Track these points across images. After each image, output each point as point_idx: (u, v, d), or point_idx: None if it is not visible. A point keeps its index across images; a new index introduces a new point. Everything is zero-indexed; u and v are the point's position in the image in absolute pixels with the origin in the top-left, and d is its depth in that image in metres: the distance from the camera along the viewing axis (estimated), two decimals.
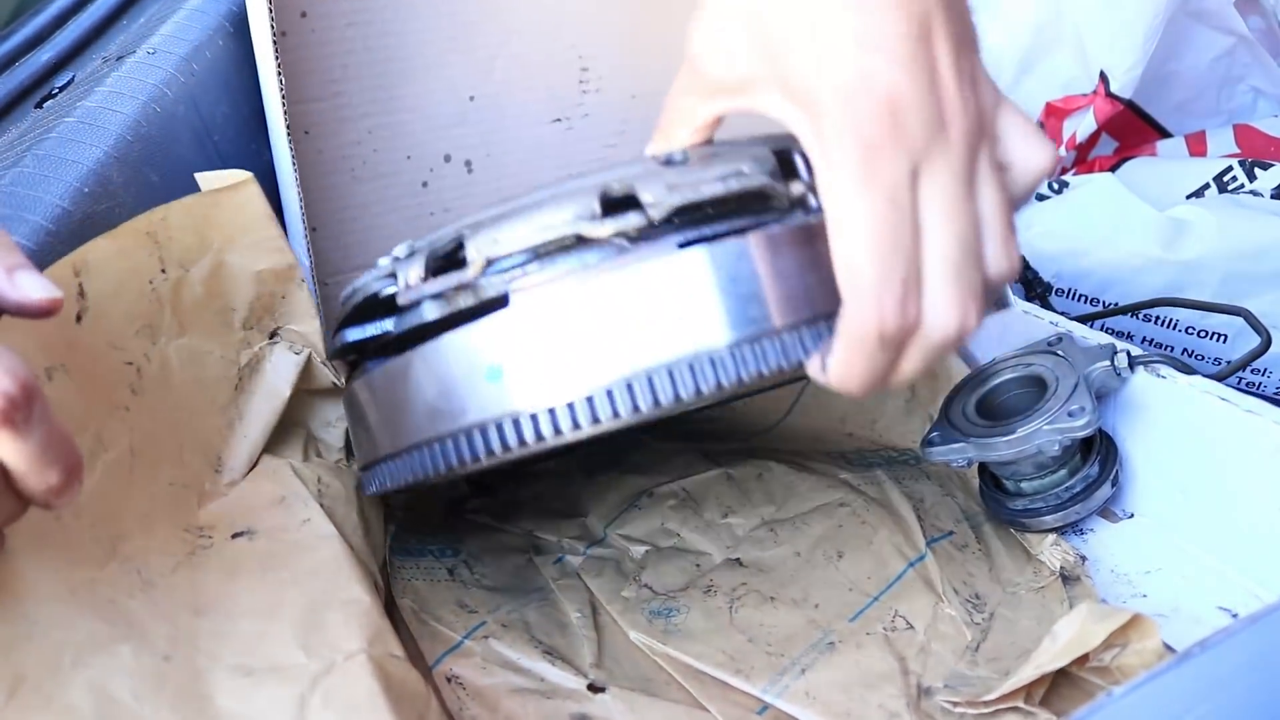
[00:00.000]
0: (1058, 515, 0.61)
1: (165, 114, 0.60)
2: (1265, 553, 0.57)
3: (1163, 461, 0.62)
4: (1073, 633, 0.47)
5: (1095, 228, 0.86)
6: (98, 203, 0.54)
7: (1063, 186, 0.90)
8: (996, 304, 0.48)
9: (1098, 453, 0.62)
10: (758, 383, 0.45)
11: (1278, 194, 0.87)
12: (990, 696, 0.47)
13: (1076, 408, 0.59)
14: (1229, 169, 0.90)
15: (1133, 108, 0.96)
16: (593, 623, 0.57)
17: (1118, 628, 0.47)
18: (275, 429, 0.56)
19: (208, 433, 0.54)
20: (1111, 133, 0.98)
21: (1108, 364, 0.61)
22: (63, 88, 0.64)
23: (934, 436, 0.62)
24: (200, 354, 0.54)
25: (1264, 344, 0.67)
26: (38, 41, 0.69)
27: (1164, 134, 0.98)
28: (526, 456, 0.47)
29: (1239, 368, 0.67)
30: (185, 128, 0.62)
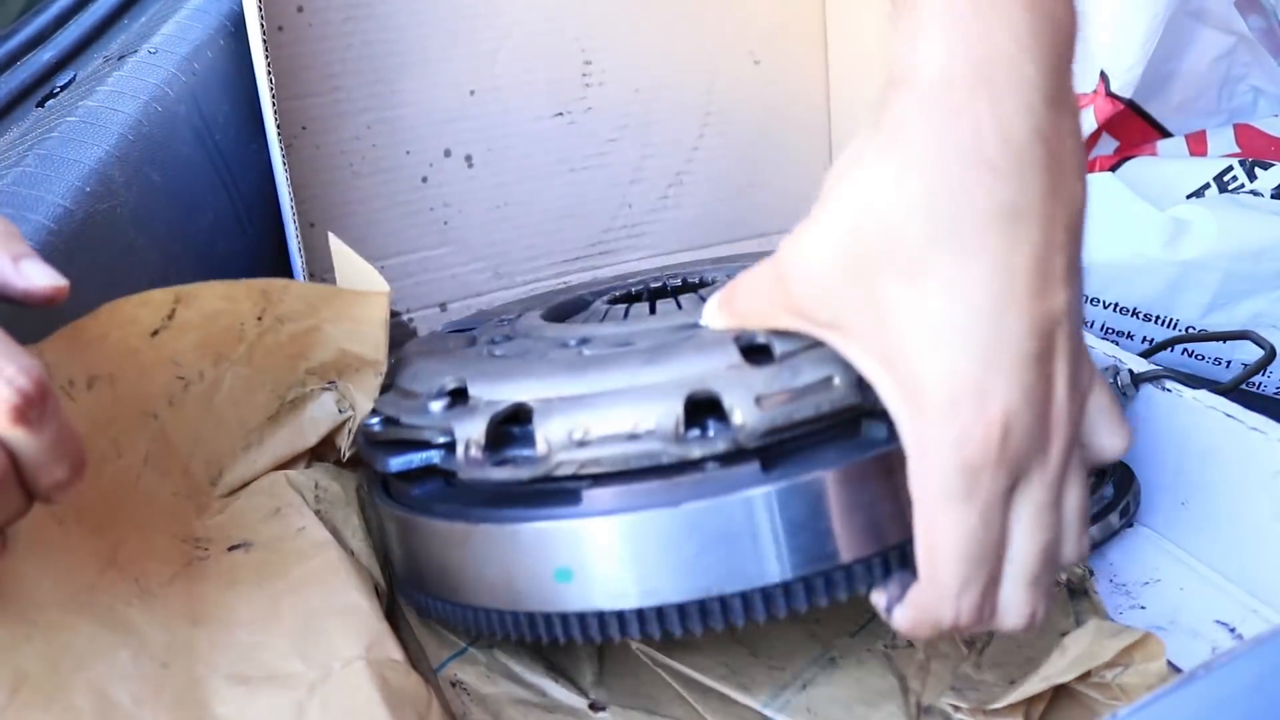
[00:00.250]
0: None
1: (167, 113, 0.60)
2: (1264, 569, 0.57)
3: (1164, 473, 0.62)
4: (1082, 647, 0.47)
5: (1095, 227, 0.85)
6: (99, 202, 0.54)
7: None
8: None
9: (1111, 475, 0.62)
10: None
11: (1278, 194, 0.87)
12: (995, 706, 0.47)
13: None
14: (1229, 169, 0.89)
15: (1133, 107, 0.95)
16: None
17: (1126, 646, 0.47)
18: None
19: (221, 450, 0.54)
20: (1111, 132, 0.97)
21: (1111, 384, 0.61)
22: (64, 87, 0.64)
23: None
24: (255, 383, 0.54)
25: (1268, 356, 0.67)
26: (39, 41, 0.69)
27: (1164, 134, 0.98)
28: None
29: (1243, 380, 0.67)
30: (186, 127, 0.62)
